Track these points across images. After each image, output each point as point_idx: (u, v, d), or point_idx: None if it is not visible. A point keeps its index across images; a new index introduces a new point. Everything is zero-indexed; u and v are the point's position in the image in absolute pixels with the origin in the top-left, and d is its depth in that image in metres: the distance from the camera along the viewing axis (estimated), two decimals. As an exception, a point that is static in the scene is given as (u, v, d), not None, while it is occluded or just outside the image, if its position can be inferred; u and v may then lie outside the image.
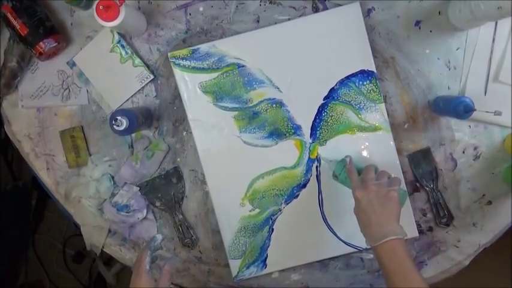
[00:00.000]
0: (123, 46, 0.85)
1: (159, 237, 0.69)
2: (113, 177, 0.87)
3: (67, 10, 0.86)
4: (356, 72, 0.81)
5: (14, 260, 1.52)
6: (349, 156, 0.77)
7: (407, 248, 0.64)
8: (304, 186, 0.83)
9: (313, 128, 0.83)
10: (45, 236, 1.67)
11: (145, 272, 0.64)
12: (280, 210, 0.84)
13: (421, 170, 0.83)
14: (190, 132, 0.84)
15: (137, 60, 0.85)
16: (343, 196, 0.82)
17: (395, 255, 0.63)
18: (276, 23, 0.83)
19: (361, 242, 0.82)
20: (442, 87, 0.83)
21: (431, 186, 0.83)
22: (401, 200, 0.68)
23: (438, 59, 0.82)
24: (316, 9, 0.83)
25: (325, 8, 0.83)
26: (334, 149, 0.82)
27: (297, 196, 0.84)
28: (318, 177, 0.83)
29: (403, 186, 0.81)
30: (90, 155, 0.88)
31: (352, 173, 0.73)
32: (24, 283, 1.62)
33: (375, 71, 0.81)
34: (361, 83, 0.82)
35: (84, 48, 0.86)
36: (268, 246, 0.84)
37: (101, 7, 0.72)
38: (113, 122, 0.73)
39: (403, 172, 0.83)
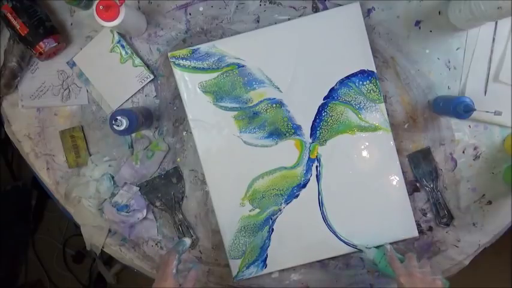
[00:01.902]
0: (123, 46, 0.85)
1: (188, 241, 0.69)
2: (112, 177, 0.87)
3: (67, 10, 0.86)
4: (356, 72, 0.81)
5: (14, 260, 1.52)
6: (389, 245, 0.77)
7: None
8: (304, 186, 0.83)
9: (313, 128, 0.83)
10: (45, 236, 1.67)
11: (171, 276, 0.64)
12: (280, 210, 0.84)
13: (421, 170, 0.83)
14: (190, 132, 0.84)
15: (137, 60, 0.85)
16: (343, 196, 0.82)
17: None
18: (276, 23, 0.83)
19: (360, 241, 0.83)
20: (442, 87, 0.83)
21: (431, 186, 0.84)
22: None
23: (438, 59, 0.82)
24: (316, 9, 0.83)
25: (325, 8, 0.83)
26: (334, 148, 0.83)
27: (297, 196, 0.84)
28: (317, 177, 0.83)
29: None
30: (90, 155, 0.88)
31: (395, 260, 0.74)
32: (24, 283, 1.62)
33: (375, 71, 0.81)
34: (361, 83, 0.82)
35: (84, 48, 0.86)
36: (268, 246, 0.84)
37: (101, 7, 0.72)
38: (113, 122, 0.73)
39: (403, 172, 0.83)
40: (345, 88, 0.82)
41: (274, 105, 0.83)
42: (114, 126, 0.73)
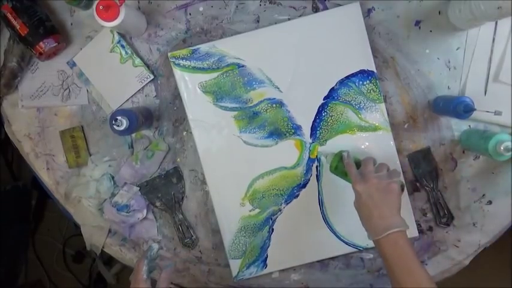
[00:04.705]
0: (123, 46, 0.85)
1: (155, 246, 0.68)
2: (113, 177, 0.87)
3: (67, 10, 0.86)
4: (356, 72, 0.81)
5: (14, 260, 1.52)
6: (346, 151, 0.76)
7: (409, 240, 0.65)
8: (304, 186, 0.83)
9: (313, 128, 0.83)
10: (45, 236, 1.67)
11: (142, 281, 0.64)
12: (280, 210, 0.84)
13: (421, 170, 0.83)
14: (190, 132, 0.84)
15: (137, 60, 0.85)
16: (343, 196, 0.82)
17: (398, 247, 0.63)
18: (276, 23, 0.83)
19: (361, 241, 0.83)
20: (442, 87, 0.83)
21: (431, 186, 0.84)
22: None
23: (438, 59, 0.82)
24: (316, 9, 0.83)
25: (325, 8, 0.83)
26: (334, 149, 0.82)
27: (297, 196, 0.84)
28: (318, 177, 0.83)
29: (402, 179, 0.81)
30: (90, 155, 0.88)
31: (351, 167, 0.72)
32: (24, 283, 1.62)
33: (375, 71, 0.81)
34: (361, 82, 0.82)
35: (84, 48, 0.86)
36: (268, 246, 0.84)
37: (101, 7, 0.72)
38: (113, 122, 0.73)
39: (403, 172, 0.83)
40: (345, 88, 0.82)
41: (274, 105, 0.83)
42: (114, 126, 0.73)
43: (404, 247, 0.63)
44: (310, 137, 0.83)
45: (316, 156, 0.83)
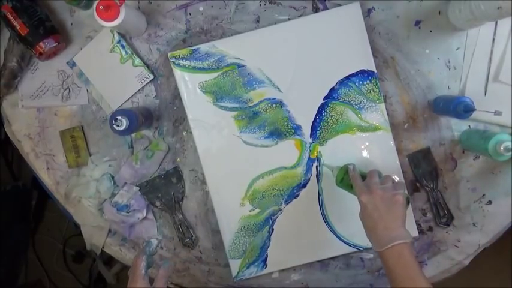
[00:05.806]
0: (123, 46, 0.85)
1: (154, 242, 0.69)
2: (112, 177, 0.87)
3: (67, 10, 0.86)
4: (356, 72, 0.81)
5: (14, 260, 1.52)
6: (352, 164, 0.76)
7: (414, 252, 0.64)
8: (304, 186, 0.83)
9: (313, 128, 0.83)
10: (45, 236, 1.67)
11: (141, 277, 0.64)
12: (280, 210, 0.84)
13: (421, 170, 0.83)
14: (190, 132, 0.85)
15: (137, 60, 0.85)
16: (343, 196, 0.82)
17: (402, 259, 0.63)
18: (276, 23, 0.83)
19: (361, 241, 0.83)
20: (442, 87, 0.83)
21: (431, 186, 0.84)
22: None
23: (438, 59, 0.82)
24: (316, 9, 0.83)
25: (325, 8, 0.83)
26: (334, 148, 0.83)
27: (297, 196, 0.84)
28: (318, 177, 0.83)
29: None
30: (90, 155, 0.88)
31: (356, 179, 0.73)
32: (24, 283, 1.62)
33: (375, 71, 0.81)
34: (361, 82, 0.82)
35: (84, 48, 0.86)
36: (268, 246, 0.84)
37: (101, 7, 0.72)
38: (113, 122, 0.73)
39: (403, 172, 0.83)
40: (345, 88, 0.82)
41: (274, 105, 0.83)
42: (114, 126, 0.73)
43: (409, 259, 0.62)
44: (310, 137, 0.83)
45: (316, 156, 0.83)
